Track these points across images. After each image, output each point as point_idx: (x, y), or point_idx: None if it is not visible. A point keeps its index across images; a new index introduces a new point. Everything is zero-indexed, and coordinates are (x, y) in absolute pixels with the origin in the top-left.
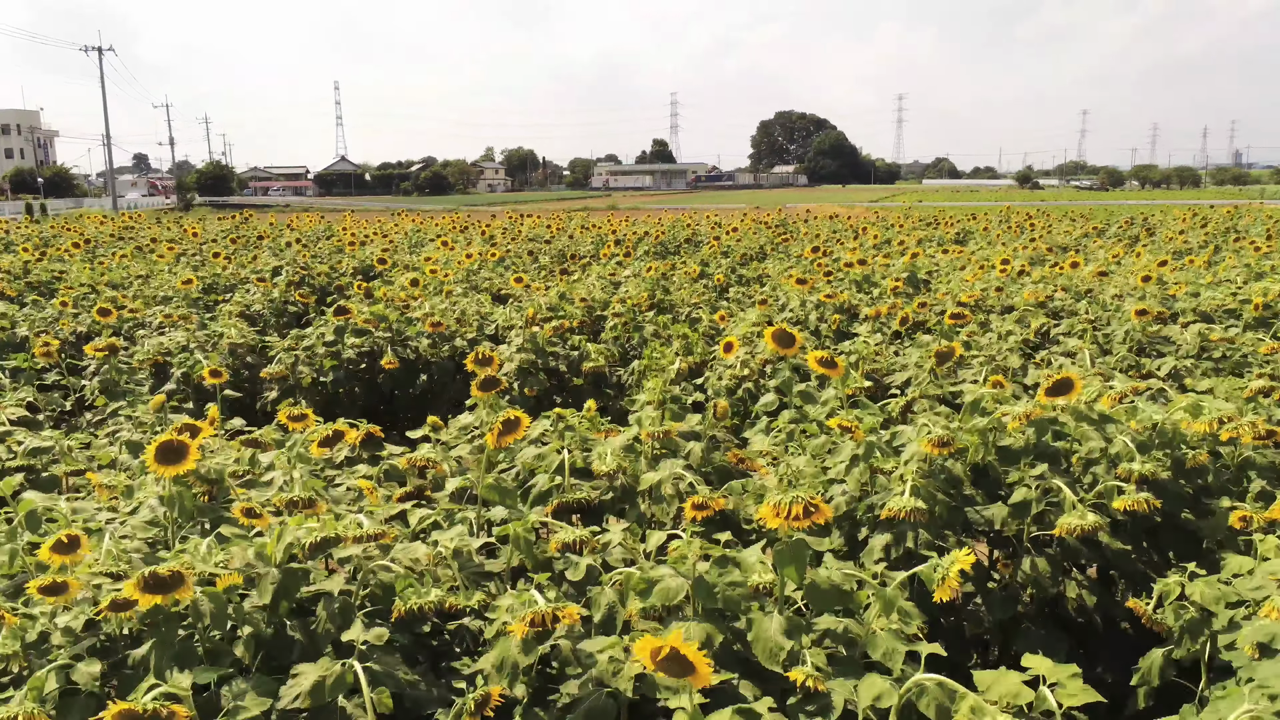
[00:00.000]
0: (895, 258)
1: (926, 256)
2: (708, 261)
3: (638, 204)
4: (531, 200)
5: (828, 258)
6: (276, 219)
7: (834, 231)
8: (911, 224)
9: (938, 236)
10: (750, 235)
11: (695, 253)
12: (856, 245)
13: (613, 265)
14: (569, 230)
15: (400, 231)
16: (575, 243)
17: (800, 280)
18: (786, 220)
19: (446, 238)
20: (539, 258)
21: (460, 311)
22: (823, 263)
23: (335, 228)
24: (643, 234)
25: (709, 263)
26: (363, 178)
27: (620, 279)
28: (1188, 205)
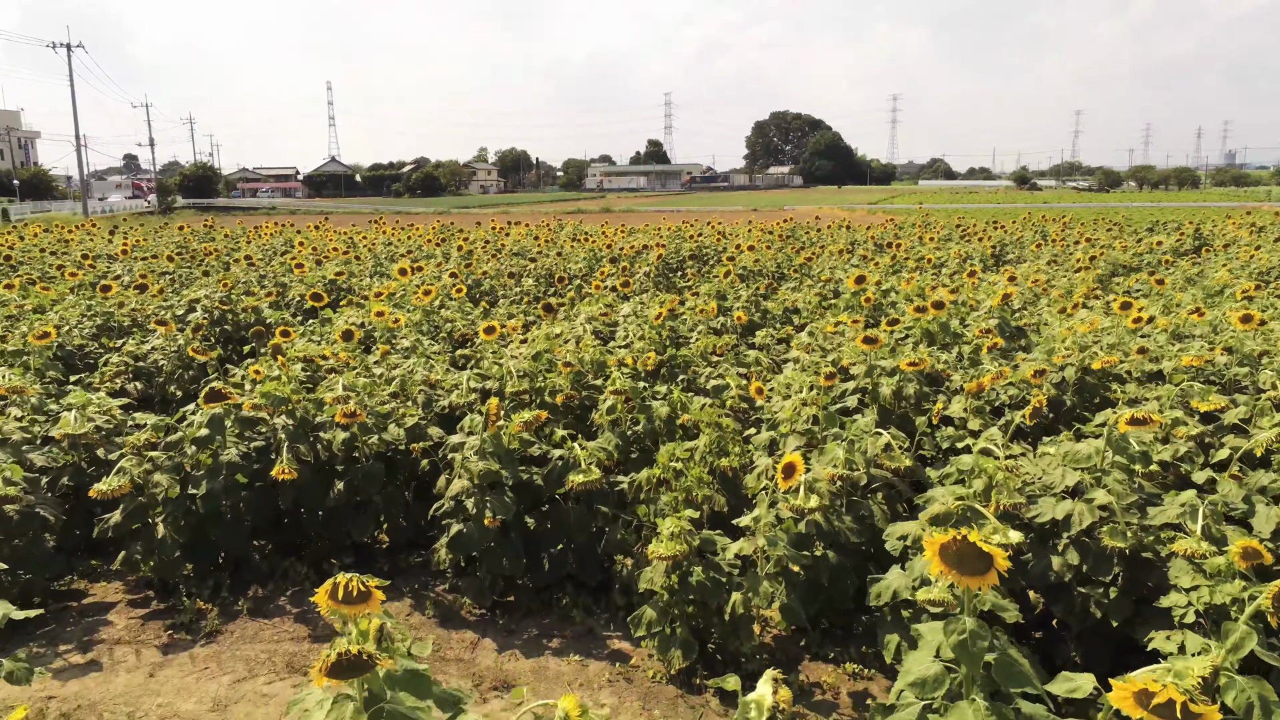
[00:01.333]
0: (949, 282)
1: (983, 282)
2: (725, 294)
3: (632, 206)
4: (524, 202)
5: (877, 290)
6: (245, 225)
7: (852, 243)
8: (937, 233)
9: (979, 253)
10: (762, 248)
11: (703, 271)
12: (891, 264)
13: (608, 297)
14: (558, 242)
15: (369, 245)
16: (565, 259)
17: (869, 339)
18: (796, 229)
19: (411, 260)
20: (522, 279)
21: (399, 382)
22: (871, 295)
23: (299, 240)
24: (641, 247)
25: (726, 295)
26: (353, 179)
27: (616, 319)
28: (1198, 207)
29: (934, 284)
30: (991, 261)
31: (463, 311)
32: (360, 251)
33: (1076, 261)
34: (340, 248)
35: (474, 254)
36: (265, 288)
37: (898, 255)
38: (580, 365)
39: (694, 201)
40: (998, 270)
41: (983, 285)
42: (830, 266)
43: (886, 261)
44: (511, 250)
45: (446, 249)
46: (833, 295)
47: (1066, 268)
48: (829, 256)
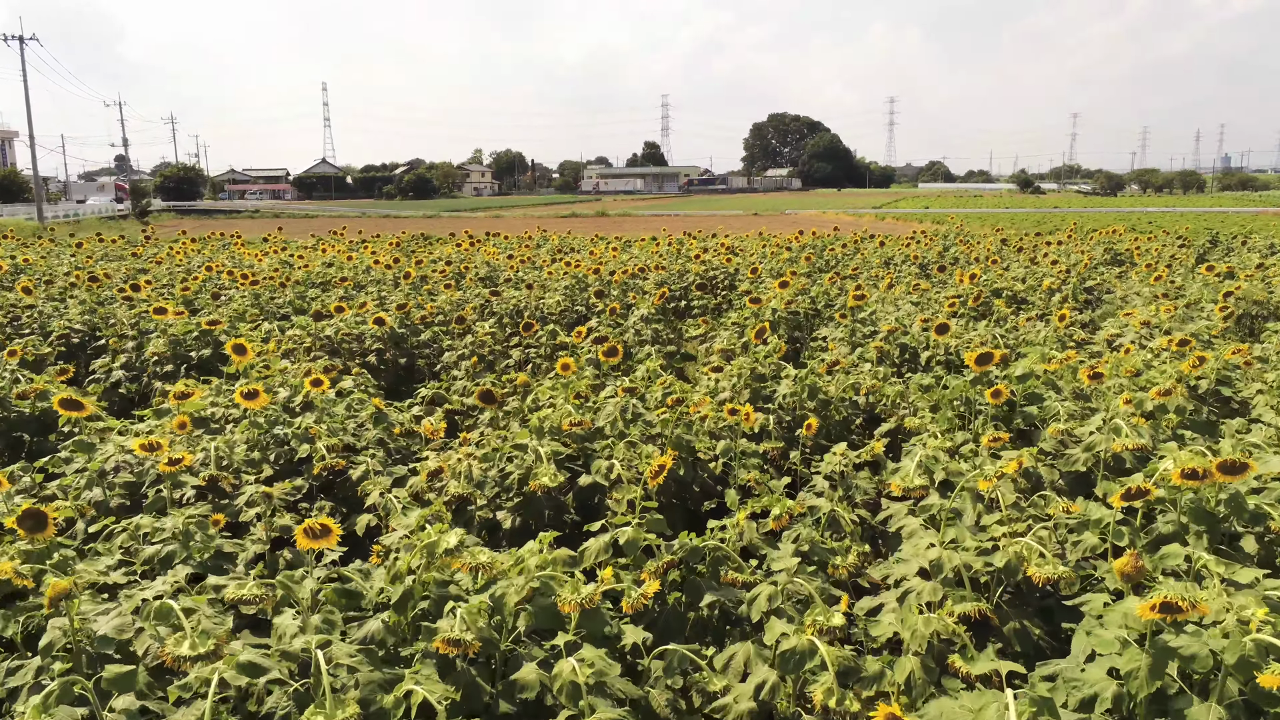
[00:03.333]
0: (1165, 367)
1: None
2: (760, 370)
3: (628, 210)
4: (517, 205)
5: (1008, 380)
6: (190, 232)
7: (887, 261)
8: (987, 247)
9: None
10: (787, 272)
11: (713, 307)
12: (975, 304)
13: (584, 379)
14: (538, 261)
15: (306, 265)
16: (542, 291)
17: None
18: (819, 243)
19: (347, 290)
20: (475, 326)
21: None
22: (1003, 390)
23: (221, 257)
24: (636, 270)
25: (760, 361)
26: (344, 180)
27: (595, 428)
28: (1232, 213)
29: (1106, 356)
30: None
31: (349, 409)
32: (293, 273)
33: (1211, 288)
34: (268, 273)
35: (429, 279)
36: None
37: (966, 285)
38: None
39: (692, 205)
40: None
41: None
42: (884, 302)
43: (952, 293)
44: (477, 275)
45: (401, 271)
46: (902, 357)
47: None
48: (869, 279)
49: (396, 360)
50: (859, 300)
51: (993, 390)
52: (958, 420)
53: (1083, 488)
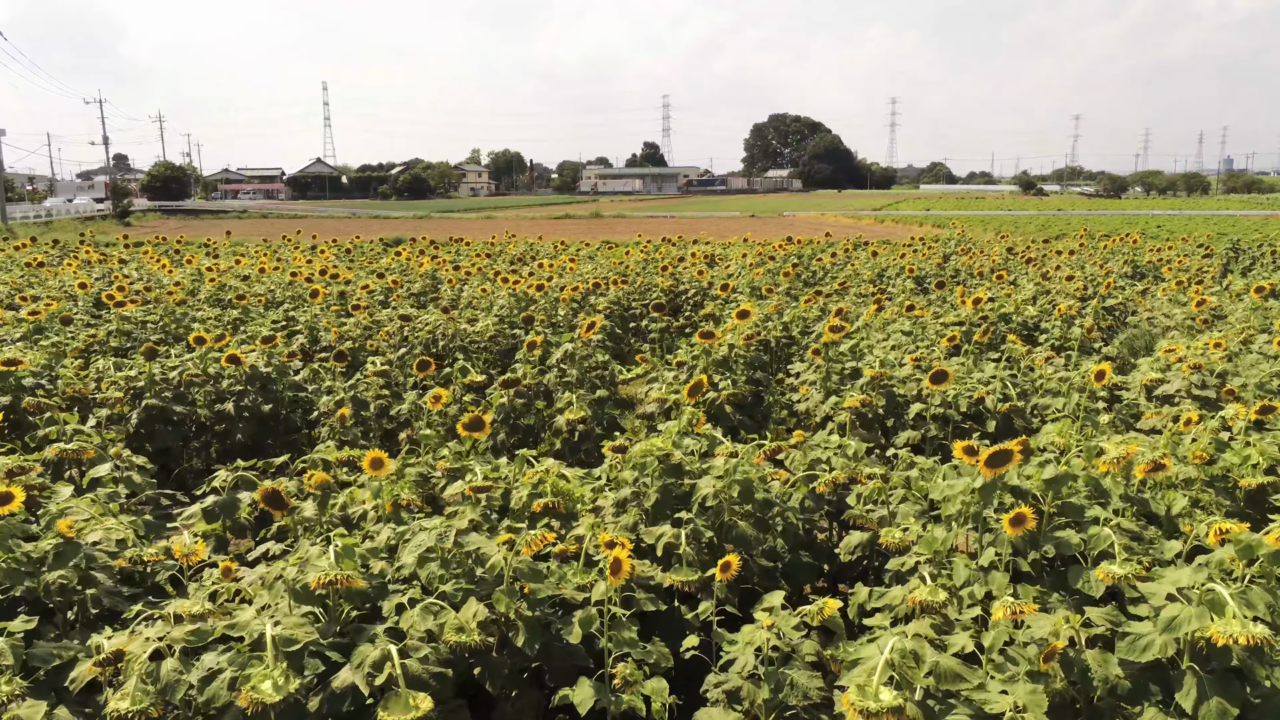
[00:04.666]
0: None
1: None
2: (677, 450)
3: (623, 211)
4: (511, 205)
5: (1038, 486)
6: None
7: (880, 274)
8: (993, 258)
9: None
10: (764, 285)
11: (678, 324)
12: (985, 337)
13: (478, 479)
14: (490, 271)
15: (215, 279)
16: (474, 313)
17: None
18: (804, 254)
19: (238, 314)
20: (364, 367)
21: None
22: (1029, 518)
23: (130, 268)
24: (592, 286)
25: (676, 441)
26: (339, 180)
27: (383, 581)
28: (1238, 215)
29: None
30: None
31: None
32: (204, 287)
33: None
34: (173, 290)
35: (352, 297)
36: None
37: (968, 310)
38: None
39: (690, 206)
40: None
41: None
42: (871, 329)
43: (953, 319)
44: (410, 292)
45: (332, 287)
46: (890, 409)
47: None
48: (858, 297)
49: (259, 409)
50: (837, 333)
51: (1012, 517)
52: (960, 536)
53: (1157, 675)
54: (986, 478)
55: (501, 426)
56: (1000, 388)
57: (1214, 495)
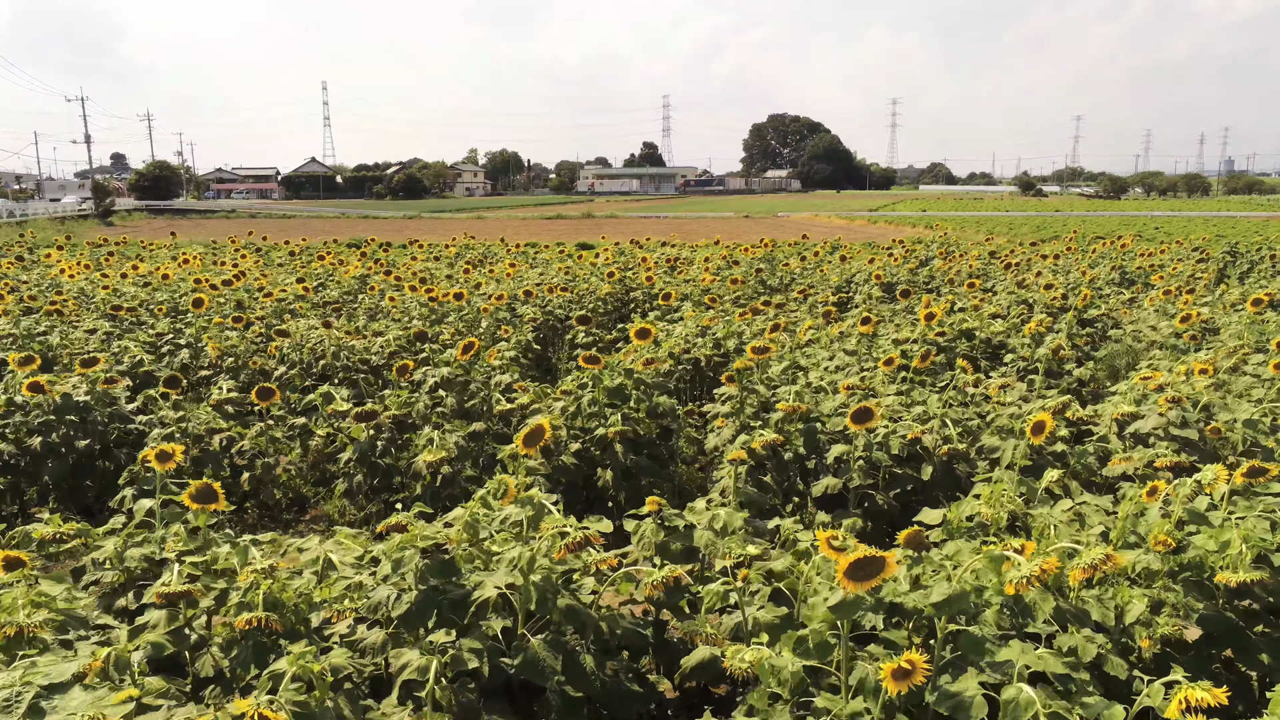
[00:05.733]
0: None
1: None
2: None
3: (616, 212)
4: (504, 205)
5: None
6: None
7: (849, 281)
8: (971, 262)
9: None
10: (712, 283)
11: (610, 338)
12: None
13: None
14: (434, 273)
15: (110, 284)
16: (383, 326)
17: None
18: (775, 254)
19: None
20: (213, 391)
21: None
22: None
23: (35, 272)
24: (523, 294)
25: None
26: (334, 180)
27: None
28: (1238, 217)
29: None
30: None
31: None
32: (98, 294)
33: None
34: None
35: (251, 306)
36: None
37: (921, 329)
38: None
39: (686, 206)
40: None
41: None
42: (815, 355)
43: (907, 335)
44: (325, 300)
45: (228, 296)
46: (808, 444)
47: None
48: (815, 307)
49: (72, 446)
50: (761, 354)
51: (894, 669)
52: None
53: None
54: (849, 593)
55: (359, 468)
56: (939, 426)
57: (1182, 595)
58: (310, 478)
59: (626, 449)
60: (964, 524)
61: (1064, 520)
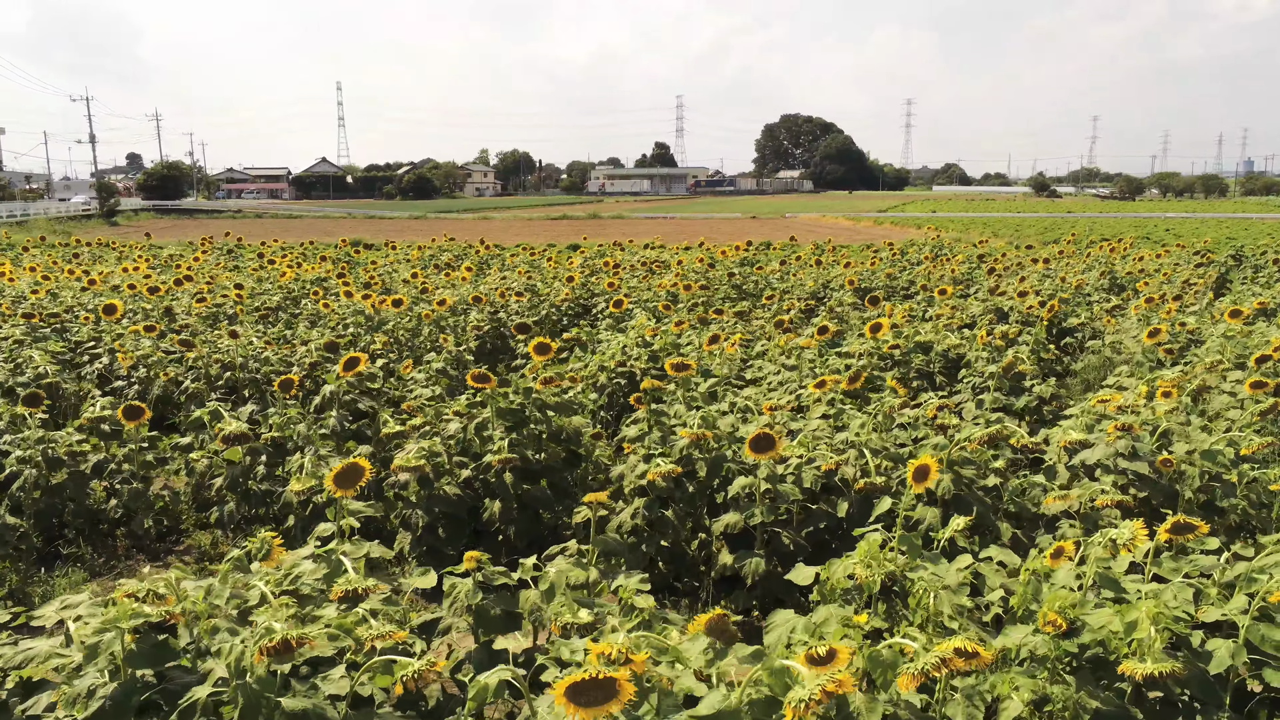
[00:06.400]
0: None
1: None
2: None
3: (623, 213)
4: (512, 206)
5: None
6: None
7: (825, 287)
8: (955, 266)
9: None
10: (682, 288)
11: (556, 346)
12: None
13: None
14: (398, 279)
15: (50, 288)
16: (277, 363)
17: None
18: (758, 257)
19: None
20: (87, 406)
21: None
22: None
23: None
24: (472, 300)
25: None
26: (344, 180)
27: None
28: (1253, 219)
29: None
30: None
31: None
32: (31, 299)
33: None
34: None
35: (179, 314)
36: None
37: (866, 342)
38: None
39: (694, 207)
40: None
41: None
42: (761, 369)
43: (855, 346)
44: (265, 306)
45: (153, 304)
46: (709, 474)
47: None
48: (779, 315)
49: None
50: (681, 371)
51: None
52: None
53: None
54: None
55: (230, 494)
56: (856, 457)
57: (1074, 688)
58: (193, 504)
59: (518, 478)
60: (843, 584)
61: (956, 582)
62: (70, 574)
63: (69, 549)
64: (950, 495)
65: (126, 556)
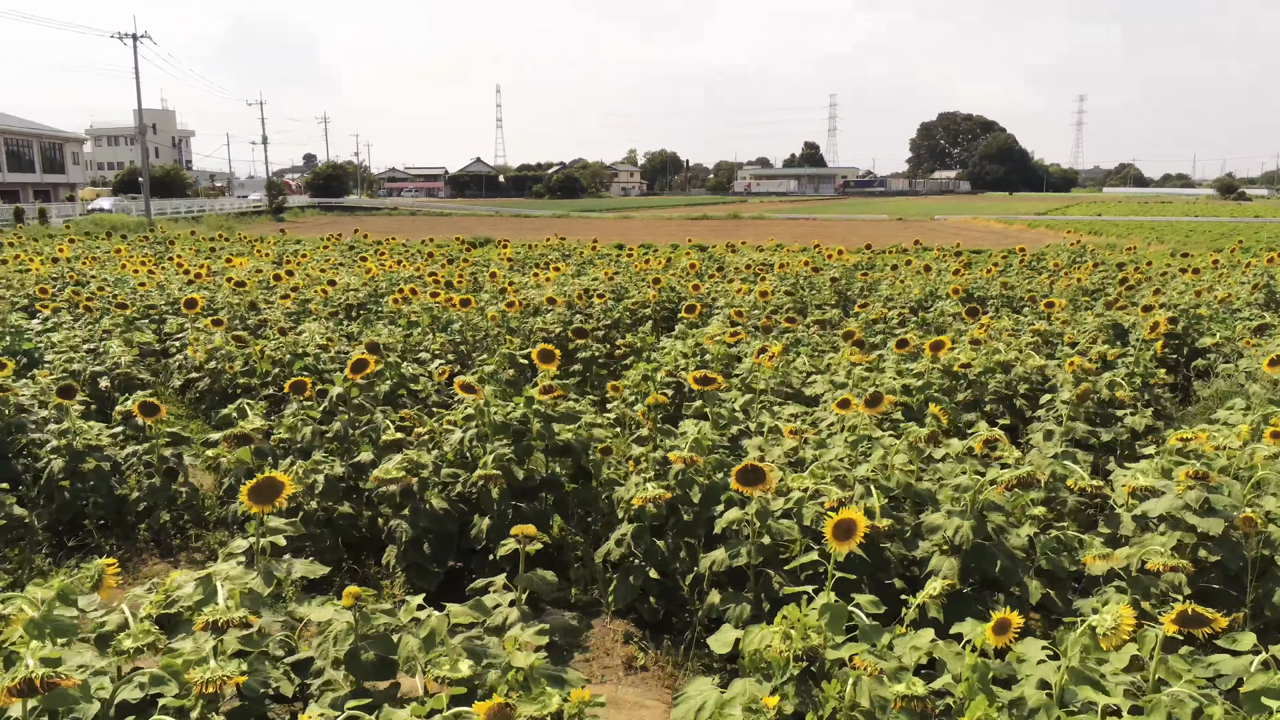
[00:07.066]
0: None
1: None
2: None
3: (764, 213)
4: (654, 206)
5: None
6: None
7: (929, 293)
8: (1084, 274)
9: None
10: (764, 294)
11: (622, 352)
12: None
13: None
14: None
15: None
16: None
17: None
18: (861, 263)
19: None
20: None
21: None
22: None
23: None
24: (544, 302)
25: None
26: (496, 180)
27: None
28: None
29: None
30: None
31: None
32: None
33: None
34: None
35: (261, 311)
36: None
37: (928, 362)
38: None
39: (840, 208)
40: None
41: None
42: (819, 384)
43: (918, 365)
44: (347, 304)
45: (241, 298)
46: (706, 501)
47: None
48: (859, 325)
49: None
50: (706, 385)
51: None
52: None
53: None
54: None
55: (231, 497)
56: (861, 494)
57: None
58: (218, 501)
59: (507, 495)
60: (765, 654)
61: (894, 667)
62: (74, 567)
63: (88, 541)
64: (969, 545)
65: (145, 551)
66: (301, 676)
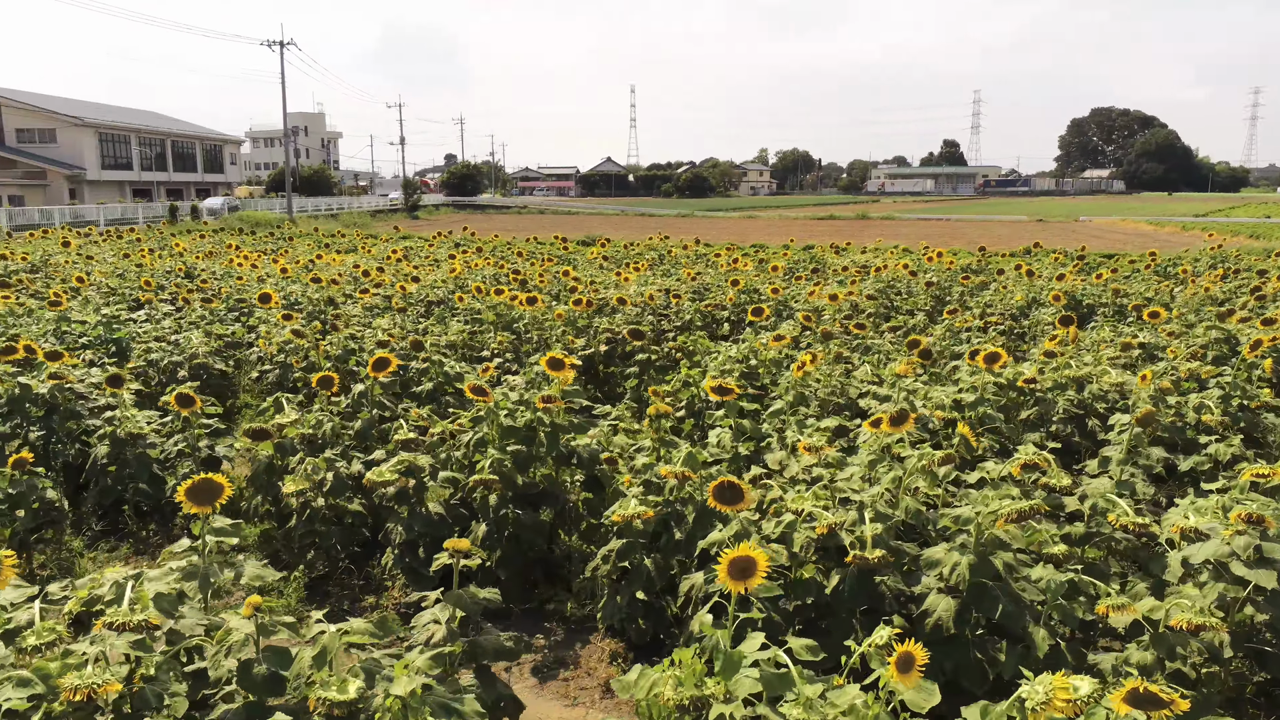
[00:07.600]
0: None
1: None
2: None
3: (895, 213)
4: (781, 205)
5: None
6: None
7: (1058, 308)
8: (1191, 294)
9: None
10: (840, 303)
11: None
12: None
13: None
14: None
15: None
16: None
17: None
18: (972, 268)
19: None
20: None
21: None
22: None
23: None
24: (617, 301)
25: None
26: (625, 179)
27: None
28: None
29: None
30: None
31: None
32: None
33: None
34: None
35: (336, 306)
36: None
37: (1034, 372)
38: None
39: (977, 208)
40: None
41: None
42: (893, 393)
43: (1023, 370)
44: (425, 300)
45: (321, 293)
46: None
47: None
48: (943, 331)
49: (25, 438)
50: (723, 395)
51: None
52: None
53: None
54: None
55: (253, 492)
56: (854, 521)
57: None
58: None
59: (502, 503)
60: (652, 703)
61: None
62: (97, 553)
63: (123, 527)
64: (966, 584)
65: (170, 542)
66: (200, 688)
